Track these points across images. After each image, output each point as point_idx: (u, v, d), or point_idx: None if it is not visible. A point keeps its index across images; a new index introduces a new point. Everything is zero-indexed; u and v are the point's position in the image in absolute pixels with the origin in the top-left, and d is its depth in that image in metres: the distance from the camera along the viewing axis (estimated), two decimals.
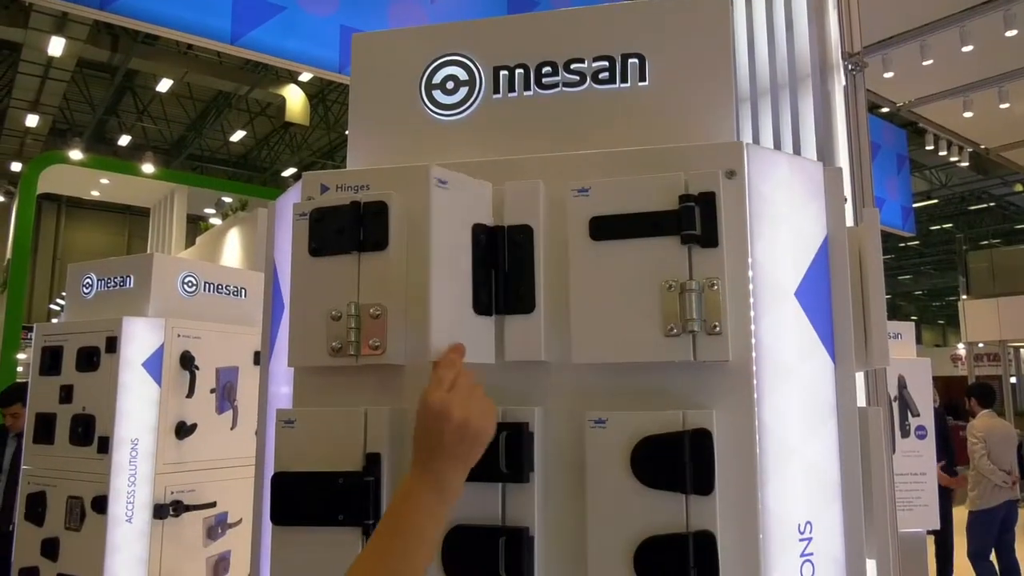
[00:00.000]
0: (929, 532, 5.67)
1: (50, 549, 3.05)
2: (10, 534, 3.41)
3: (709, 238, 1.08)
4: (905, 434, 5.11)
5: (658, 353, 1.06)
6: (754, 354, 1.10)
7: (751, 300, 1.11)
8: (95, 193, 13.29)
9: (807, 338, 1.17)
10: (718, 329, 1.05)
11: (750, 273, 1.12)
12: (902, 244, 20.01)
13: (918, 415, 5.22)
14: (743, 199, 1.12)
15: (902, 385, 5.20)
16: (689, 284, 1.06)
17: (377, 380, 1.20)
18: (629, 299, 1.08)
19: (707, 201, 1.09)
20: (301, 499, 1.12)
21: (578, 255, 1.11)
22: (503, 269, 1.12)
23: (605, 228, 1.10)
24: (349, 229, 1.18)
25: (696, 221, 1.07)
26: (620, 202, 1.10)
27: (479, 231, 1.14)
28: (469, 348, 1.11)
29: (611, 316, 1.08)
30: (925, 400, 5.33)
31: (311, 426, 1.15)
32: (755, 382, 1.10)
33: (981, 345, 12.80)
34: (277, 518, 1.13)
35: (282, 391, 1.35)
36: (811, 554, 1.12)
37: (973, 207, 20.00)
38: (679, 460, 1.02)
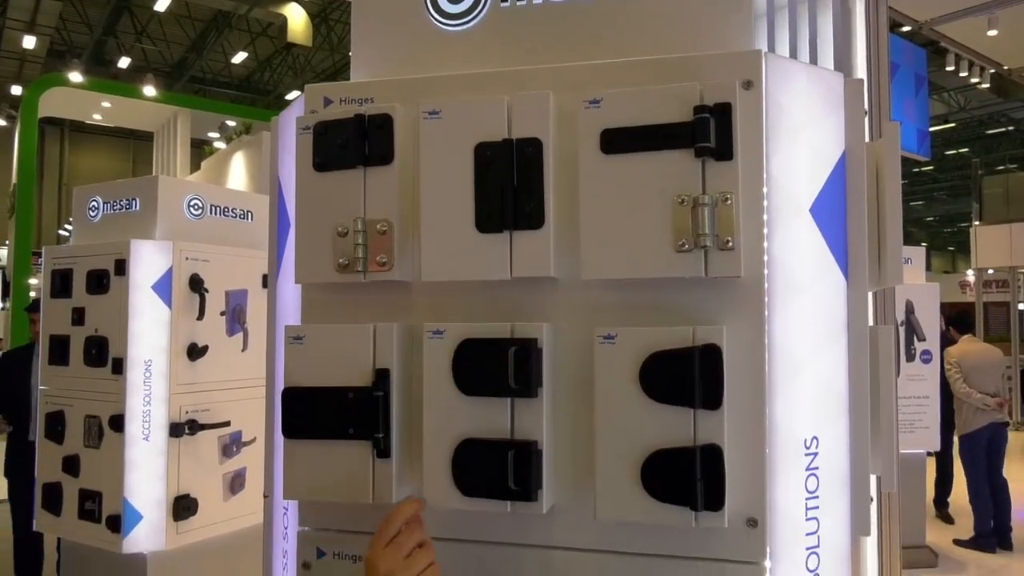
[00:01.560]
0: (929, 454, 5.79)
1: (71, 465, 3.14)
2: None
3: (724, 151, 1.04)
4: (910, 358, 5.14)
5: (669, 269, 1.04)
6: (766, 271, 1.09)
7: (765, 216, 1.09)
8: (97, 117, 13.12)
9: (820, 255, 1.15)
10: (730, 244, 1.03)
11: (764, 188, 1.09)
12: (916, 169, 19.67)
13: (924, 339, 5.25)
14: (760, 111, 1.08)
15: (909, 310, 5.21)
16: (702, 198, 1.03)
17: (385, 297, 1.19)
18: (640, 214, 1.05)
19: (722, 112, 1.05)
20: (311, 413, 1.13)
21: (588, 169, 1.08)
22: (511, 184, 1.10)
23: (617, 141, 1.06)
24: (353, 143, 1.16)
25: (711, 133, 1.04)
26: (632, 114, 1.07)
27: (484, 149, 1.11)
28: (473, 267, 1.10)
29: (621, 231, 1.06)
30: (932, 325, 5.35)
31: (320, 342, 1.15)
32: (766, 299, 1.09)
33: (991, 271, 12.74)
34: (288, 431, 1.14)
35: (290, 310, 1.34)
36: (816, 468, 1.13)
37: (991, 131, 19.55)
38: (688, 375, 1.02)
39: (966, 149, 20.61)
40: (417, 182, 1.15)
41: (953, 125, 18.60)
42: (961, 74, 9.63)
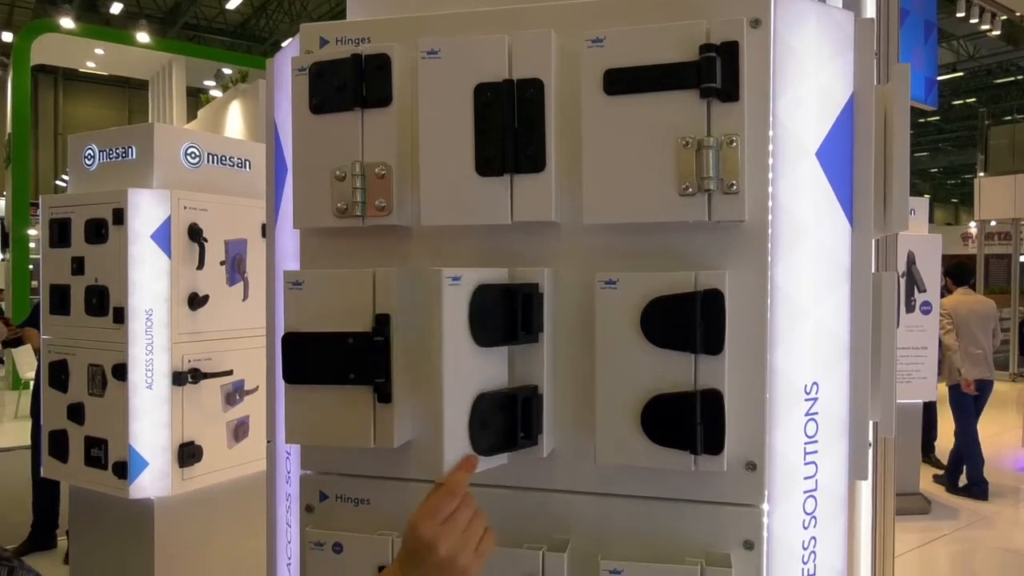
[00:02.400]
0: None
1: (76, 413, 3.17)
2: None
3: (730, 92, 1.02)
4: (910, 309, 5.15)
5: (672, 213, 1.03)
6: (770, 216, 1.07)
7: (770, 159, 1.07)
8: (91, 64, 12.89)
9: (825, 200, 1.14)
10: (735, 188, 1.01)
11: (771, 131, 1.07)
12: (922, 120, 19.39)
13: (924, 291, 5.25)
14: (767, 50, 1.05)
15: (911, 261, 5.20)
16: (707, 140, 1.01)
17: (384, 242, 1.18)
18: (643, 157, 1.04)
19: (729, 52, 1.02)
20: (312, 359, 1.13)
21: (591, 110, 1.06)
22: (512, 126, 1.08)
23: (620, 81, 1.04)
24: (351, 84, 1.13)
25: (717, 73, 1.01)
26: (637, 53, 1.04)
27: (484, 90, 1.09)
28: (473, 211, 1.09)
29: (624, 175, 1.04)
30: (933, 276, 5.35)
31: (319, 288, 1.14)
32: (770, 244, 1.07)
33: (993, 223, 12.68)
34: (289, 377, 1.14)
35: (289, 258, 1.33)
36: (816, 413, 1.13)
37: (999, 80, 19.22)
38: (690, 320, 1.01)
39: (973, 99, 20.30)
40: (416, 124, 1.13)
41: (961, 74, 18.28)
42: (972, 21, 9.42)
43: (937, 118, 20.13)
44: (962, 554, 4.76)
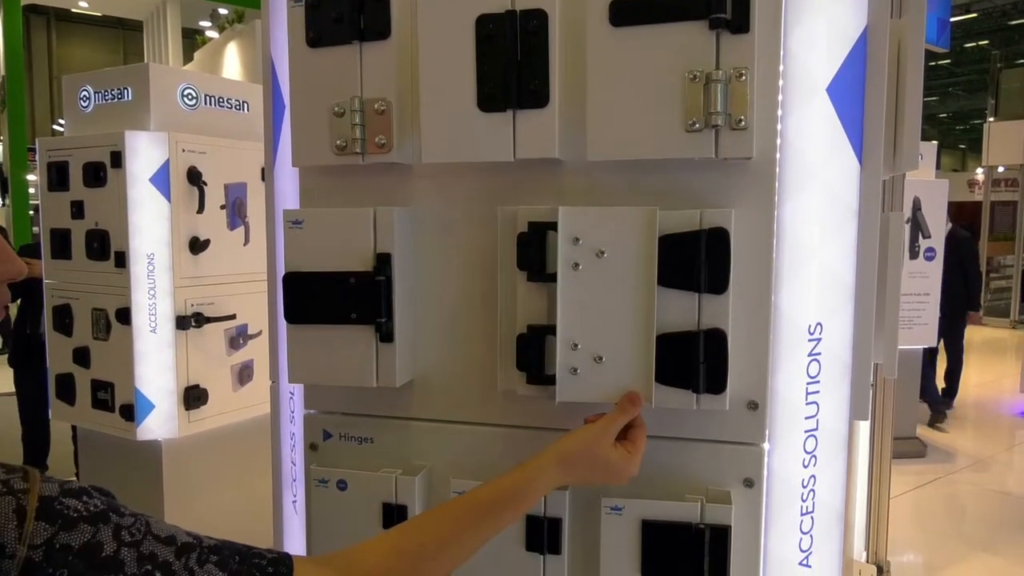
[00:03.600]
0: (926, 351, 5.87)
1: (81, 357, 3.20)
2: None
3: (740, 23, 0.98)
4: (914, 255, 5.13)
5: (678, 149, 1.01)
6: (778, 153, 1.05)
7: (780, 95, 1.04)
8: (83, 4, 12.60)
9: (835, 137, 1.11)
10: (743, 124, 0.99)
11: (781, 65, 1.04)
12: (932, 63, 18.97)
13: (929, 236, 5.21)
14: None
15: (916, 206, 5.15)
16: (715, 74, 0.98)
17: (385, 180, 1.16)
18: (649, 91, 1.01)
19: None
20: (313, 298, 1.12)
21: (596, 42, 1.02)
22: (514, 59, 1.05)
23: (627, 11, 1.00)
24: (348, 16, 1.09)
25: (727, 3, 0.97)
26: None
27: (486, 22, 1.05)
28: (474, 148, 1.07)
29: (629, 110, 1.02)
30: (938, 222, 5.30)
31: (319, 226, 1.13)
32: (777, 183, 1.05)
33: (1001, 169, 12.51)
34: (291, 316, 1.14)
35: (289, 198, 1.32)
36: (819, 354, 1.13)
37: (1014, 21, 18.73)
38: (695, 259, 1.00)
39: (986, 41, 19.82)
40: (415, 58, 1.09)
41: (975, 15, 17.81)
42: None
43: (948, 61, 19.71)
44: (956, 496, 4.85)
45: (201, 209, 3.12)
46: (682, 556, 1.04)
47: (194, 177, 3.08)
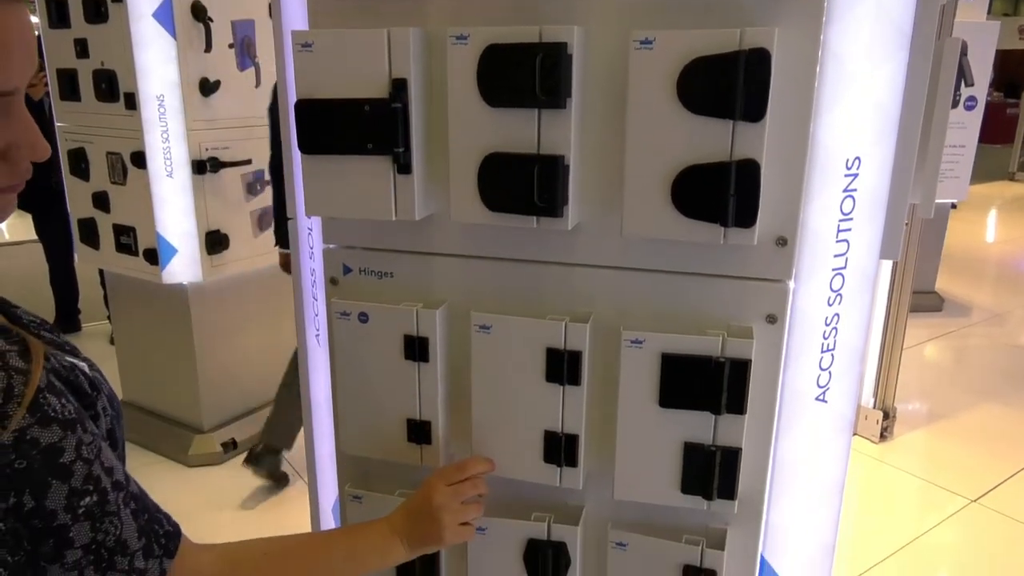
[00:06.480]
0: (952, 205, 5.74)
1: (101, 201, 3.20)
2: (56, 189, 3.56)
3: None
4: (954, 104, 4.89)
5: None
6: None
7: None
8: None
9: None
10: None
11: None
12: None
13: (972, 84, 4.94)
14: None
15: (962, 51, 4.84)
16: None
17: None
18: None
19: None
20: (327, 127, 1.08)
21: None
22: None
23: None
24: None
25: None
26: None
27: None
28: None
29: None
30: (983, 70, 5.00)
31: (330, 50, 1.06)
32: (826, 1, 0.96)
33: None
34: (305, 147, 1.10)
35: (297, 23, 1.23)
36: (854, 190, 1.08)
37: None
38: (732, 83, 0.93)
39: None
40: None
41: None
42: None
43: None
44: (968, 349, 4.92)
45: (208, 48, 3.00)
46: (701, 389, 1.05)
47: (199, 12, 2.94)
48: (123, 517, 0.68)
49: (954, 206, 5.86)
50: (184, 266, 3.13)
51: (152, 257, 3.09)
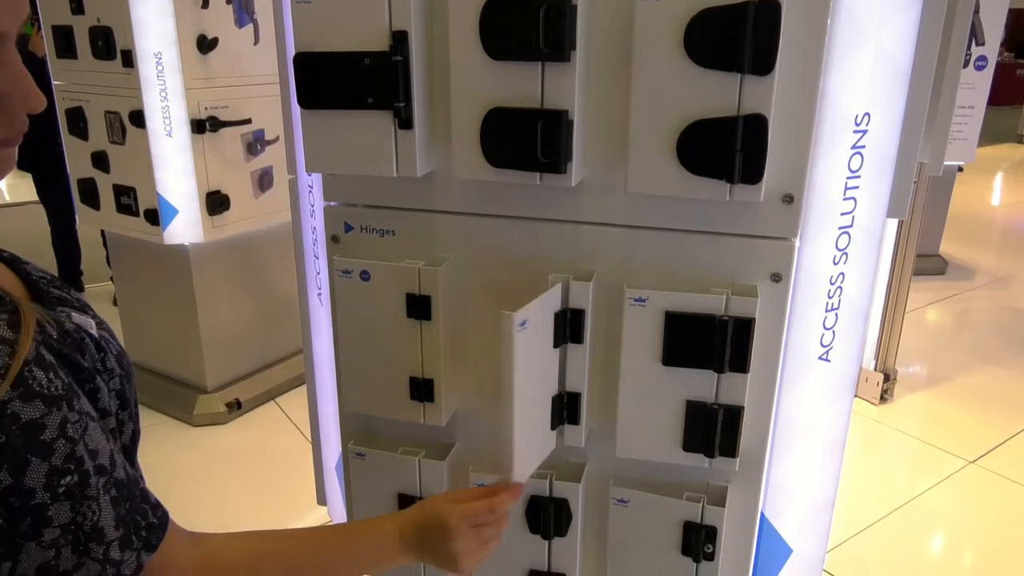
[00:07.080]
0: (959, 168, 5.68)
1: (100, 161, 3.18)
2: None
3: None
4: (964, 64, 4.80)
5: None
6: None
7: None
8: None
9: None
10: None
11: None
12: None
13: (983, 44, 4.85)
14: None
15: (975, 8, 4.74)
16: None
17: None
18: None
19: None
20: (327, 81, 1.06)
21: None
22: None
23: None
24: None
25: None
26: None
27: None
28: None
29: None
30: (995, 29, 4.90)
31: (329, 1, 1.03)
32: None
33: None
34: (304, 101, 1.08)
35: None
36: (863, 147, 1.06)
37: None
38: (740, 36, 0.91)
39: None
40: None
41: None
42: None
43: None
44: (970, 312, 4.91)
45: (205, 4, 2.95)
46: (704, 347, 1.05)
47: None
48: (102, 503, 0.65)
49: (960, 169, 5.80)
50: (185, 227, 3.11)
51: (153, 218, 3.07)
